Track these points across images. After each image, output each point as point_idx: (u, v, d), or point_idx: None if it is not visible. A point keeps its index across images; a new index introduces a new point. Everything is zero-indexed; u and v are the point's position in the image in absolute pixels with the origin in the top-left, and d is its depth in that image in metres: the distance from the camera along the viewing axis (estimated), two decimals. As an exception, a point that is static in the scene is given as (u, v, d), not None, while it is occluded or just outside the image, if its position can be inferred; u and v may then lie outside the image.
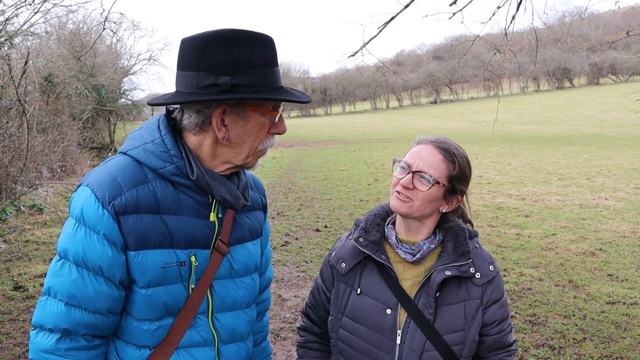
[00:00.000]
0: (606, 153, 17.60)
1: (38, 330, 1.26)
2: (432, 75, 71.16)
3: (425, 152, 1.51)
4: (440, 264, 1.49)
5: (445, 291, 1.49)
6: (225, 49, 1.22)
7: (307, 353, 1.73)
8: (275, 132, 1.34)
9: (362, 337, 1.52)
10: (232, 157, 1.32)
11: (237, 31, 1.23)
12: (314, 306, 1.72)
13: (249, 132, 1.29)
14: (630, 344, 4.01)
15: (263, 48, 1.26)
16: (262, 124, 1.30)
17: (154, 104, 1.32)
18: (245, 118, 1.27)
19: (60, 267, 1.24)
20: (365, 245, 1.55)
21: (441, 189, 1.50)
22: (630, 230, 7.47)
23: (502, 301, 1.55)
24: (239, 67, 1.22)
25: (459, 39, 8.03)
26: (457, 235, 1.53)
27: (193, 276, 1.32)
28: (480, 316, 1.51)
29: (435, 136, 1.56)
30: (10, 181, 8.76)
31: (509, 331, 1.57)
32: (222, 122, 1.27)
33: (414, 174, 1.48)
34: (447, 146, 1.52)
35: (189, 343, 1.33)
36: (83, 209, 1.23)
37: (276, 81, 1.28)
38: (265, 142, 1.33)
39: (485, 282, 1.51)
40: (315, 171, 15.75)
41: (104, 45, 28.39)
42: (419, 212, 1.50)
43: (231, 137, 1.29)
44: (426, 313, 1.47)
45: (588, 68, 68.43)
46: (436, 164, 1.49)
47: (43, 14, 13.64)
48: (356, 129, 40.86)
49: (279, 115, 1.33)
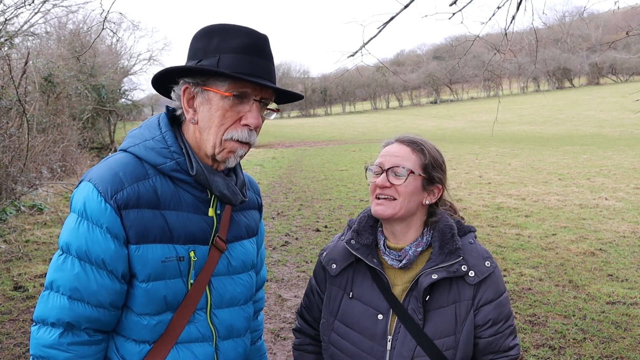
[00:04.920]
0: (606, 153, 17.60)
1: (40, 325, 1.26)
2: (432, 75, 71.19)
3: (392, 149, 1.52)
4: (427, 267, 1.45)
5: (436, 294, 1.45)
6: (205, 39, 1.31)
7: (303, 356, 1.72)
8: (245, 123, 1.30)
9: (353, 342, 1.50)
10: (204, 144, 1.33)
11: (221, 24, 1.31)
12: (309, 307, 1.70)
13: (213, 116, 1.30)
14: (630, 344, 4.01)
15: (238, 38, 1.29)
16: (224, 108, 1.29)
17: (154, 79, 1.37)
18: (208, 101, 1.30)
19: (62, 261, 1.25)
20: (357, 248, 1.53)
21: (418, 179, 1.49)
22: (630, 230, 7.47)
23: (499, 301, 1.47)
24: (209, 52, 1.29)
25: (459, 39, 8.03)
26: (444, 233, 1.49)
27: (192, 271, 1.33)
28: (472, 318, 1.45)
29: (399, 134, 1.58)
30: (10, 181, 8.76)
31: (508, 334, 1.48)
32: (190, 104, 1.32)
33: (387, 172, 1.48)
34: (412, 139, 1.54)
35: (187, 338, 1.34)
36: (85, 203, 1.25)
37: (248, 68, 1.28)
38: (232, 131, 1.30)
39: (480, 280, 1.45)
40: (315, 171, 15.74)
41: (104, 45, 28.42)
42: (404, 210, 1.47)
43: (200, 121, 1.32)
44: (416, 318, 1.44)
45: (588, 68, 68.44)
46: (407, 156, 1.49)
47: (43, 14, 13.69)
48: (356, 129, 40.88)
49: (251, 104, 1.30)
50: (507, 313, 1.49)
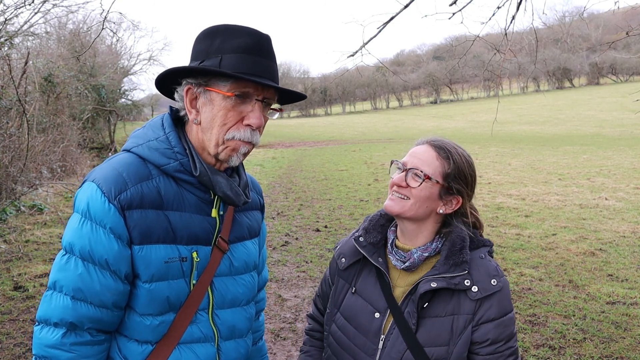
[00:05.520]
0: (606, 153, 17.60)
1: (43, 326, 1.26)
2: (432, 75, 71.24)
3: (419, 150, 1.50)
4: (430, 274, 1.44)
5: (435, 303, 1.43)
6: (208, 39, 1.31)
7: (310, 341, 1.76)
8: (247, 123, 1.30)
9: (349, 336, 1.53)
10: (207, 144, 1.33)
11: (224, 25, 1.31)
12: (321, 296, 1.74)
13: (215, 116, 1.30)
14: (630, 344, 4.01)
15: (240, 37, 1.29)
16: (227, 108, 1.29)
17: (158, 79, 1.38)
18: (211, 101, 1.30)
19: (66, 262, 1.25)
20: (364, 245, 1.54)
21: (435, 187, 1.46)
22: (630, 230, 7.47)
23: (502, 320, 1.42)
24: (211, 52, 1.29)
25: (459, 39, 8.03)
26: (453, 244, 1.46)
27: (194, 272, 1.33)
28: (469, 333, 1.41)
29: (433, 136, 1.55)
30: (10, 181, 8.76)
31: (507, 355, 1.43)
32: (193, 104, 1.33)
33: (407, 172, 1.46)
34: (443, 144, 1.50)
35: (189, 339, 1.35)
36: (89, 203, 1.25)
37: (251, 68, 1.28)
38: (234, 131, 1.30)
39: (483, 297, 1.41)
40: (315, 171, 15.74)
41: (104, 45, 28.42)
42: (412, 212, 1.45)
43: (202, 121, 1.32)
44: (410, 322, 1.43)
45: (588, 68, 68.49)
46: (429, 161, 1.46)
47: (43, 14, 13.68)
48: (356, 129, 40.89)
49: (253, 104, 1.30)
50: (509, 334, 1.44)
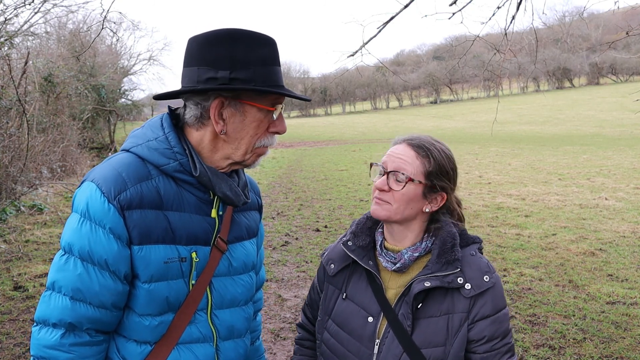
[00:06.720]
0: (606, 153, 17.60)
1: (41, 326, 1.25)
2: (432, 75, 71.21)
3: (398, 151, 1.47)
4: (422, 274, 1.41)
5: (429, 303, 1.41)
6: (226, 45, 1.26)
7: (300, 350, 1.74)
8: (274, 130, 1.34)
9: (342, 343, 1.49)
10: (231, 152, 1.34)
11: (239, 30, 1.28)
12: (310, 305, 1.71)
13: (247, 127, 1.30)
14: (630, 344, 4.01)
15: (263, 47, 1.29)
16: (260, 120, 1.31)
17: (159, 98, 1.35)
18: (243, 113, 1.29)
19: (64, 262, 1.25)
20: (353, 249, 1.51)
21: (419, 187, 1.43)
22: (630, 230, 7.47)
23: (497, 317, 1.41)
24: (237, 63, 1.25)
25: (459, 39, 8.04)
26: (444, 242, 1.43)
27: (194, 272, 1.33)
28: (465, 331, 1.39)
29: (409, 134, 1.52)
30: (10, 181, 8.76)
31: (503, 352, 1.41)
32: (220, 115, 1.29)
33: (388, 175, 1.43)
34: (420, 142, 1.46)
35: (188, 339, 1.35)
36: (88, 203, 1.24)
37: (276, 79, 1.30)
38: (263, 139, 1.34)
39: (476, 294, 1.39)
40: (315, 171, 15.74)
41: (104, 45, 28.41)
42: (399, 215, 1.43)
43: (229, 132, 1.31)
44: (405, 324, 1.40)
45: (588, 68, 68.46)
46: (410, 161, 1.43)
47: (43, 14, 13.67)
48: (356, 129, 40.89)
49: (278, 113, 1.34)
50: (505, 330, 1.43)
